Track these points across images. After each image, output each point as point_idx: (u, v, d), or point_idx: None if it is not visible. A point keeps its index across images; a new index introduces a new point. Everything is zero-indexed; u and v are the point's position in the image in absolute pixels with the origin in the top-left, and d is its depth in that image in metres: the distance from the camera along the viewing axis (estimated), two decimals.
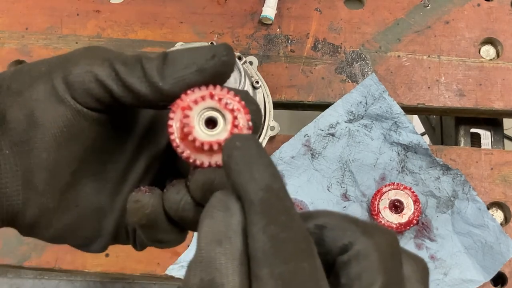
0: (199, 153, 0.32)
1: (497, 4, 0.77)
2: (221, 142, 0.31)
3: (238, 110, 0.32)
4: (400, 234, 0.67)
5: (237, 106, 0.32)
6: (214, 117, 0.32)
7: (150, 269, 0.68)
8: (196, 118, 0.32)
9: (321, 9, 0.78)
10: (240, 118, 0.32)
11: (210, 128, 0.32)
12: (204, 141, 0.31)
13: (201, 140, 0.31)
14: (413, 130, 0.70)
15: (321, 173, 0.70)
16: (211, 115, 0.32)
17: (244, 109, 0.32)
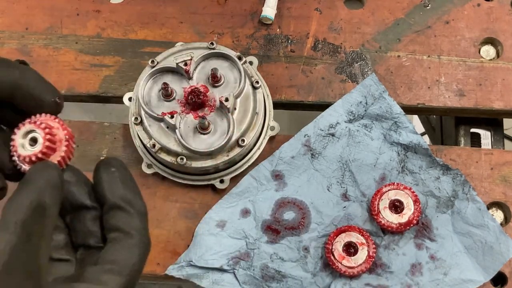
0: (30, 165, 0.43)
1: (497, 4, 0.77)
2: (38, 154, 0.43)
3: (51, 127, 0.44)
4: (400, 234, 0.67)
5: (50, 123, 0.44)
6: (35, 136, 0.44)
7: (150, 269, 0.68)
8: (20, 140, 0.44)
9: (321, 9, 0.78)
10: (55, 130, 0.44)
11: (34, 144, 0.43)
12: (25, 155, 0.43)
13: (23, 155, 0.43)
14: (413, 130, 0.70)
15: (321, 173, 0.70)
16: (33, 135, 0.44)
17: (60, 123, 0.44)
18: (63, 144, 0.45)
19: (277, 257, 0.67)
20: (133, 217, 0.41)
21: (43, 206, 0.38)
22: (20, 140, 0.44)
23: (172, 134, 0.65)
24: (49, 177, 0.40)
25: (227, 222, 0.68)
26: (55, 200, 0.39)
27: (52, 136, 0.44)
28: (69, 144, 0.45)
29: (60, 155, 0.44)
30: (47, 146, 0.44)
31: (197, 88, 0.66)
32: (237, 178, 0.70)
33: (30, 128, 0.44)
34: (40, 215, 0.38)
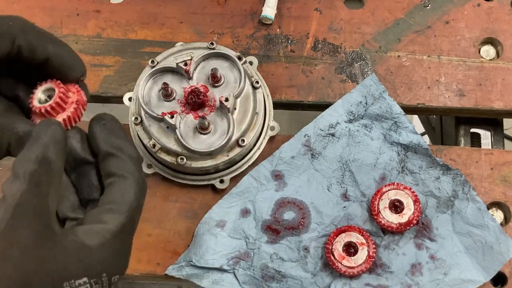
0: (40, 117, 0.49)
1: (497, 4, 0.77)
2: (47, 107, 0.49)
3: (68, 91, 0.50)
4: (400, 234, 0.67)
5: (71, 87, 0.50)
6: (52, 94, 0.50)
7: (150, 269, 0.68)
8: (40, 95, 0.50)
9: (321, 9, 0.78)
10: (71, 94, 0.50)
11: (49, 100, 0.49)
12: (36, 106, 0.49)
13: (35, 106, 0.49)
14: (413, 130, 0.70)
15: (321, 173, 0.70)
16: (51, 93, 0.50)
17: (77, 89, 0.51)
18: (72, 106, 0.50)
19: (277, 257, 0.67)
20: (125, 161, 0.45)
21: (48, 160, 0.41)
22: (39, 94, 0.50)
23: (172, 134, 0.65)
24: (53, 134, 0.43)
25: (227, 222, 0.68)
26: (59, 154, 0.42)
27: (65, 96, 0.50)
28: (78, 108, 0.50)
29: (67, 115, 0.50)
30: (56, 103, 0.49)
31: (197, 88, 0.66)
32: (237, 178, 0.70)
33: (51, 86, 0.50)
34: (46, 168, 0.40)
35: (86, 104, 0.52)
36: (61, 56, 0.50)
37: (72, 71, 0.51)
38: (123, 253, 0.43)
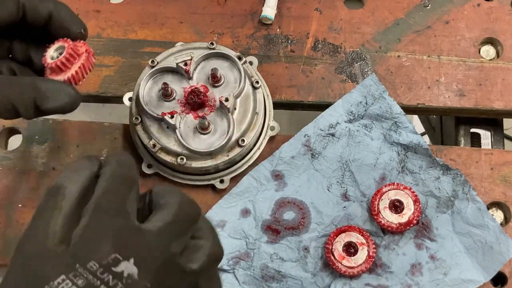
0: (54, 73, 0.56)
1: (497, 4, 0.77)
2: (62, 60, 0.55)
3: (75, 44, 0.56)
4: (400, 234, 0.67)
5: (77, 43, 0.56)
6: (63, 51, 0.55)
7: None
8: (51, 53, 0.56)
9: (321, 9, 0.78)
10: (79, 47, 0.56)
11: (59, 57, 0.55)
12: (49, 62, 0.55)
13: (48, 62, 0.55)
14: (413, 130, 0.70)
15: (321, 173, 0.70)
16: (62, 50, 0.55)
17: (83, 43, 0.57)
18: (84, 56, 0.56)
19: (277, 257, 0.67)
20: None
21: (58, 187, 0.42)
22: (51, 53, 0.56)
23: (172, 134, 0.65)
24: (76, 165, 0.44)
25: (227, 222, 0.68)
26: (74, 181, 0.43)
27: (75, 48, 0.56)
28: (89, 56, 0.57)
29: (81, 63, 0.56)
30: (69, 54, 0.55)
31: (197, 88, 0.66)
32: (237, 178, 0.70)
33: (60, 44, 0.56)
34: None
35: (94, 54, 0.58)
36: (61, 12, 0.56)
37: (73, 25, 0.56)
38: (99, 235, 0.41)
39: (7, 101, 0.52)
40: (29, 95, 0.52)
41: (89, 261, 0.38)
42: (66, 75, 0.56)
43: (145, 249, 0.40)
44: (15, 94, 0.52)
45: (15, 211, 0.70)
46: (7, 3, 0.54)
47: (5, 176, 0.71)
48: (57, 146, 0.73)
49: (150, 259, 0.39)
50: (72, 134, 0.73)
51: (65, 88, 0.54)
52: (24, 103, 0.52)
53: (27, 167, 0.72)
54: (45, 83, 0.53)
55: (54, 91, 0.53)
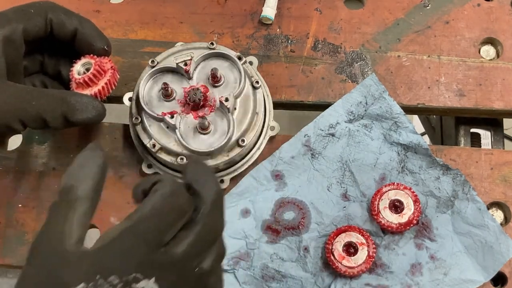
0: (81, 88, 0.60)
1: (497, 4, 0.77)
2: (89, 75, 0.60)
3: (101, 61, 0.61)
4: (400, 234, 0.67)
5: (102, 59, 0.61)
6: (89, 67, 0.60)
7: None
8: (78, 68, 0.61)
9: (321, 9, 0.78)
10: (105, 64, 0.61)
11: (87, 72, 0.60)
12: (77, 77, 0.60)
13: (76, 77, 0.60)
14: (413, 130, 0.70)
15: (321, 173, 0.70)
16: (88, 66, 0.60)
17: (108, 59, 0.62)
18: (109, 72, 0.61)
19: (277, 257, 0.67)
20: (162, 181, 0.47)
21: (71, 189, 0.44)
22: (77, 68, 0.60)
23: (172, 134, 0.65)
24: (86, 163, 0.45)
25: (227, 222, 0.68)
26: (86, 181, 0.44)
27: (101, 65, 0.60)
28: (114, 73, 0.61)
29: (107, 79, 0.61)
30: (97, 70, 0.60)
31: (197, 88, 0.66)
32: (237, 178, 0.70)
33: (87, 60, 0.61)
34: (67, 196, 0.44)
35: (118, 70, 0.63)
36: (86, 29, 0.61)
37: (97, 41, 0.61)
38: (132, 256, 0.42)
39: (37, 113, 0.55)
40: (59, 107, 0.56)
41: (111, 275, 0.39)
42: (93, 90, 0.60)
43: (168, 271, 0.42)
44: (45, 106, 0.55)
45: (15, 211, 0.70)
46: (36, 19, 0.58)
47: (5, 176, 0.71)
48: (57, 146, 0.73)
49: (171, 278, 0.42)
50: (72, 134, 0.73)
51: (93, 102, 0.59)
52: (54, 115, 0.56)
53: (27, 167, 0.72)
54: (74, 97, 0.57)
55: (82, 104, 0.57)
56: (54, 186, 0.70)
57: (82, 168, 0.44)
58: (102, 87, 0.60)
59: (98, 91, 0.61)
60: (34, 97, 0.56)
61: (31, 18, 0.58)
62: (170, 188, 0.45)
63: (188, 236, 0.44)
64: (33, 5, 0.59)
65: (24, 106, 0.55)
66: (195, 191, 0.46)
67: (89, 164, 0.44)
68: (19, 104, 0.55)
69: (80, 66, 0.61)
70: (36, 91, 0.57)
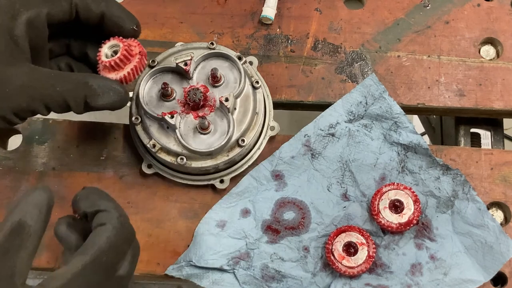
0: (108, 71, 0.59)
1: (497, 4, 0.77)
2: (116, 59, 0.58)
3: (130, 44, 0.59)
4: (400, 234, 0.67)
5: (131, 42, 0.60)
6: (117, 49, 0.59)
7: (150, 269, 0.68)
8: (106, 51, 0.59)
9: (321, 9, 0.78)
10: (133, 47, 0.59)
11: (115, 55, 0.58)
12: (106, 61, 0.58)
13: (104, 60, 0.58)
14: (413, 130, 0.70)
15: (321, 173, 0.70)
16: (116, 49, 0.59)
17: (137, 43, 0.60)
18: (137, 57, 0.59)
19: (277, 257, 0.67)
20: (105, 212, 0.50)
21: (23, 225, 0.43)
22: (105, 50, 0.59)
23: (172, 134, 0.65)
24: (34, 199, 0.45)
25: (227, 222, 0.68)
26: (38, 218, 0.45)
27: (129, 49, 0.59)
28: (142, 58, 0.59)
29: (133, 65, 0.59)
30: (123, 55, 0.58)
31: (197, 88, 0.66)
32: (237, 178, 0.70)
33: (115, 43, 0.59)
34: (19, 233, 0.43)
35: (146, 55, 0.61)
36: (113, 10, 0.59)
37: (126, 22, 0.59)
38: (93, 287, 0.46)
39: (60, 97, 0.54)
40: (81, 92, 0.55)
41: None
42: (119, 74, 0.58)
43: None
44: (68, 90, 0.54)
45: None
46: (61, 3, 0.57)
47: (5, 176, 0.71)
48: (57, 146, 0.73)
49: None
50: (72, 134, 0.73)
51: (115, 86, 0.57)
52: (76, 99, 0.55)
53: (27, 167, 0.72)
54: (96, 80, 0.56)
55: (104, 89, 0.56)
56: (54, 186, 0.70)
57: (36, 207, 0.45)
58: (127, 72, 0.58)
59: (124, 77, 0.59)
60: (58, 81, 0.54)
61: (55, 2, 0.57)
62: (118, 220, 0.49)
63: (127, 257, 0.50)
64: None
65: (49, 91, 0.54)
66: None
67: (43, 206, 0.45)
68: (45, 89, 0.54)
69: (108, 49, 0.59)
70: (61, 76, 0.55)
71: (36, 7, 0.56)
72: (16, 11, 0.55)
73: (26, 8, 0.55)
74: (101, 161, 0.72)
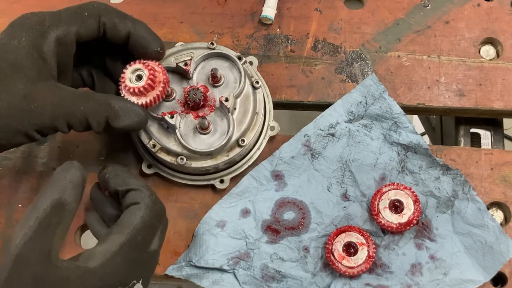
0: (132, 95, 0.59)
1: (497, 4, 0.77)
2: (140, 87, 0.58)
3: (155, 70, 0.59)
4: (400, 234, 0.67)
5: (155, 67, 0.60)
6: (141, 74, 0.59)
7: None
8: (129, 75, 0.59)
9: (321, 9, 0.78)
10: (157, 74, 0.60)
11: (138, 80, 0.59)
12: (130, 86, 0.59)
13: (129, 86, 0.59)
14: (413, 130, 0.70)
15: (321, 173, 0.70)
16: (139, 73, 0.59)
17: (162, 69, 0.60)
18: (160, 85, 0.60)
19: (277, 257, 0.67)
20: (137, 191, 0.53)
21: (63, 203, 0.46)
22: (129, 75, 0.59)
23: (172, 134, 0.65)
24: (72, 177, 0.48)
25: (227, 222, 0.68)
26: (75, 197, 0.48)
27: (154, 77, 0.59)
28: (165, 87, 0.60)
29: (156, 93, 0.60)
30: (148, 84, 0.59)
31: (197, 88, 0.66)
32: (237, 178, 0.70)
33: (139, 67, 0.59)
34: (59, 210, 0.46)
35: (169, 81, 0.62)
36: (140, 31, 0.59)
37: (151, 44, 0.59)
38: (132, 265, 0.49)
39: (83, 116, 0.55)
40: (104, 112, 0.56)
41: (117, 286, 0.47)
42: (141, 100, 0.59)
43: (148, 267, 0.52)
44: (91, 110, 0.55)
45: (15, 211, 0.70)
46: (90, 21, 0.57)
47: (5, 176, 0.71)
48: (57, 146, 0.73)
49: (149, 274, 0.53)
50: (72, 134, 0.72)
51: (136, 108, 0.58)
52: (98, 119, 0.56)
53: (27, 167, 0.72)
54: (119, 103, 0.57)
55: (125, 111, 0.57)
56: None
57: (75, 186, 0.48)
58: (150, 100, 0.60)
59: (146, 103, 0.60)
60: (83, 101, 0.55)
61: (85, 21, 0.57)
62: (150, 198, 0.52)
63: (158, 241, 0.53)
64: (86, 7, 0.58)
65: (73, 110, 0.55)
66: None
67: (79, 185, 0.48)
68: (69, 108, 0.55)
69: (130, 73, 0.59)
70: (85, 95, 0.56)
71: (65, 25, 0.56)
72: (46, 28, 0.55)
73: (56, 26, 0.56)
74: (101, 161, 0.72)
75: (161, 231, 0.54)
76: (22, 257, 0.43)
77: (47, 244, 0.45)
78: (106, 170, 0.56)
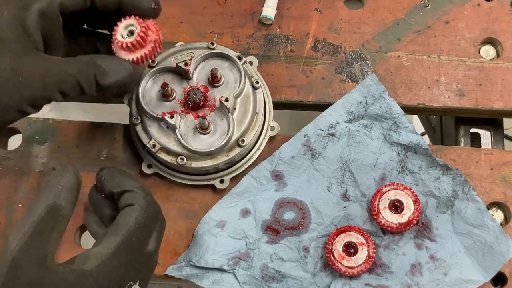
0: (121, 50, 0.58)
1: (497, 4, 0.77)
2: (128, 43, 0.57)
3: (148, 29, 0.58)
4: (400, 234, 0.67)
5: (151, 26, 0.58)
6: (133, 30, 0.58)
7: None
8: (122, 30, 0.57)
9: (321, 9, 0.78)
10: (150, 33, 0.58)
11: (130, 36, 0.58)
12: (120, 40, 0.57)
13: (118, 40, 0.57)
14: (413, 130, 0.70)
15: (321, 173, 0.70)
16: (131, 28, 0.58)
17: (156, 29, 0.59)
18: (150, 45, 0.58)
19: (277, 257, 0.67)
20: (132, 193, 0.53)
21: (58, 207, 0.46)
22: (121, 30, 0.58)
23: (172, 134, 0.65)
24: (66, 182, 0.48)
25: (227, 222, 0.68)
26: (69, 201, 0.48)
27: (145, 35, 0.57)
28: (155, 47, 0.58)
29: (144, 52, 0.58)
30: (137, 41, 0.57)
31: (197, 88, 0.66)
32: (237, 178, 0.70)
33: (132, 22, 0.58)
34: (54, 215, 0.46)
35: (162, 43, 0.60)
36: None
37: (143, 1, 0.57)
38: (128, 266, 0.49)
39: (73, 79, 0.55)
40: (91, 71, 0.55)
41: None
42: (129, 56, 0.58)
43: (146, 268, 0.52)
44: (78, 72, 0.55)
45: (15, 211, 0.70)
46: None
47: (5, 176, 0.71)
48: (57, 146, 0.73)
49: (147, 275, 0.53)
50: (72, 134, 0.73)
51: (123, 63, 0.57)
52: (87, 79, 0.55)
53: (27, 167, 0.72)
54: (104, 60, 0.56)
55: (112, 67, 0.56)
56: None
57: (69, 191, 0.48)
58: (137, 58, 0.58)
59: (133, 60, 0.59)
60: (69, 65, 0.55)
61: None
62: (145, 200, 0.52)
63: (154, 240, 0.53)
64: None
65: (62, 77, 0.54)
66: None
67: (74, 190, 0.49)
68: (58, 75, 0.54)
69: (123, 28, 0.58)
70: (70, 59, 0.56)
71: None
72: (28, 2, 0.54)
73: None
74: (101, 161, 0.72)
75: (158, 231, 0.54)
76: (17, 262, 0.43)
77: (43, 248, 0.45)
78: (102, 172, 0.56)
